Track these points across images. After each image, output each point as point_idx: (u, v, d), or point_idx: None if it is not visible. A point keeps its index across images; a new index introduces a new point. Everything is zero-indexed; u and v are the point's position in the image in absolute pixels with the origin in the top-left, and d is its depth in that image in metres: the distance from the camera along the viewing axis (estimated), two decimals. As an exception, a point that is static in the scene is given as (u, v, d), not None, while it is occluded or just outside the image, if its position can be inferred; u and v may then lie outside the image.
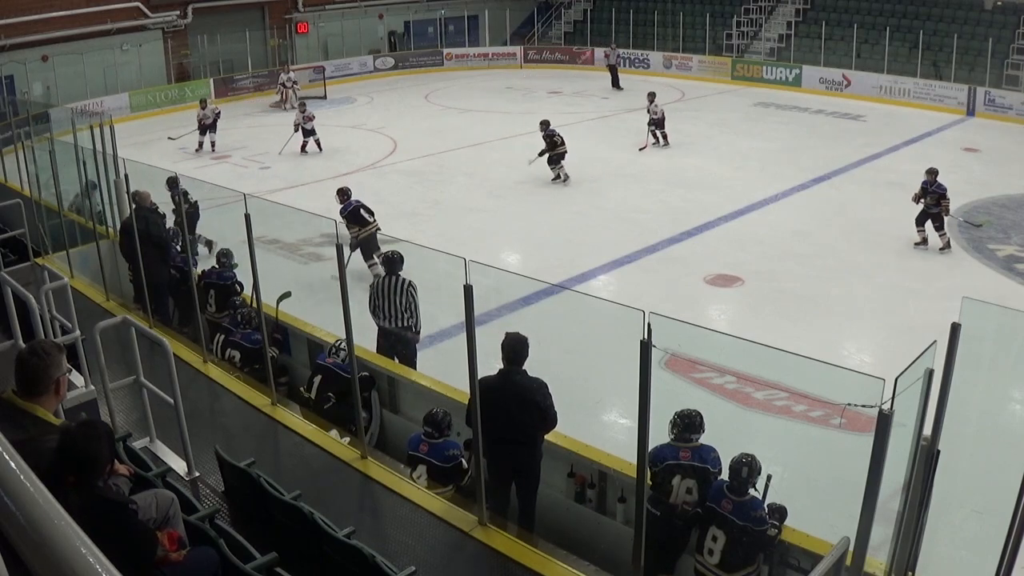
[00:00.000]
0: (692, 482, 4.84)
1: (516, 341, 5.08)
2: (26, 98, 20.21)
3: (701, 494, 4.81)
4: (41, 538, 1.12)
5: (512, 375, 5.09)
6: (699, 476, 4.84)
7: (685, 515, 4.83)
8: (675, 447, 4.91)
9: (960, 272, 11.28)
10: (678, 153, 18.14)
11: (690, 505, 4.84)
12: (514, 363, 5.09)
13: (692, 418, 4.94)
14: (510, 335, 5.13)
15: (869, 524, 3.24)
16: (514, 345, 5.07)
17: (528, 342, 5.11)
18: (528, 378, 5.10)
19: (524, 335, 5.14)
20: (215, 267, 8.48)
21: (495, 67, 30.55)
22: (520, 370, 5.10)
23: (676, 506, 4.85)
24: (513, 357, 5.08)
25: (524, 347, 5.09)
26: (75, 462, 2.82)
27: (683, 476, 4.86)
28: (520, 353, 5.08)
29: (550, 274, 10.27)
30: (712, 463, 4.85)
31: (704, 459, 4.87)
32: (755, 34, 27.90)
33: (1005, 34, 22.70)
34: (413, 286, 7.63)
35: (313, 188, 15.28)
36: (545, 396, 5.08)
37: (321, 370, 6.68)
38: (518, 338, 5.10)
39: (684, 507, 4.85)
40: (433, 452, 5.59)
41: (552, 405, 5.10)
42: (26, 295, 5.07)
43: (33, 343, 3.31)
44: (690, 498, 4.85)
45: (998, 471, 4.02)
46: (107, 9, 24.03)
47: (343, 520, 4.29)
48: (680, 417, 4.95)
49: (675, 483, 4.87)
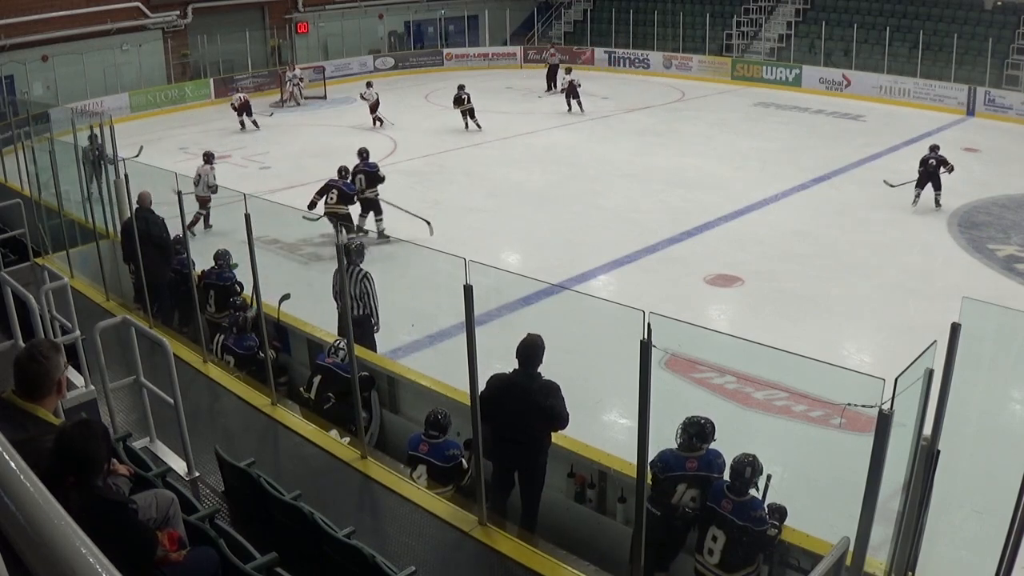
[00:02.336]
0: (696, 491, 4.80)
1: (531, 343, 5.08)
2: (26, 98, 20.20)
3: (704, 501, 4.80)
4: (41, 538, 1.12)
5: (524, 376, 5.08)
6: (703, 485, 4.79)
7: (685, 517, 4.83)
8: (682, 457, 4.83)
9: (960, 272, 11.28)
10: (678, 153, 18.15)
11: (691, 509, 4.83)
12: (527, 365, 5.08)
13: (703, 427, 4.85)
14: (529, 336, 5.12)
15: (869, 524, 3.24)
16: (529, 346, 5.07)
17: (543, 344, 5.09)
18: (541, 380, 5.09)
19: (541, 337, 5.12)
20: (215, 267, 8.48)
21: (495, 67, 30.55)
22: (534, 372, 5.09)
23: (677, 507, 4.84)
24: (527, 358, 5.08)
25: (539, 349, 5.08)
26: (74, 462, 2.82)
27: (688, 486, 4.82)
28: (533, 355, 5.07)
29: (550, 274, 10.26)
30: (718, 469, 4.79)
31: (710, 465, 4.80)
32: (755, 34, 27.90)
33: (1005, 34, 22.70)
34: (368, 278, 7.98)
35: (313, 188, 15.22)
36: (558, 399, 5.06)
37: (321, 370, 6.68)
38: (534, 340, 5.10)
39: (685, 510, 4.84)
40: (433, 452, 5.59)
41: (564, 407, 5.08)
42: (26, 295, 5.07)
43: (31, 347, 3.29)
44: (692, 504, 4.84)
45: (998, 471, 4.03)
46: (107, 9, 24.03)
47: (343, 520, 4.29)
48: (690, 425, 4.85)
49: (679, 490, 4.83)
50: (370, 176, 12.88)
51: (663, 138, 19.54)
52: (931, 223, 13.21)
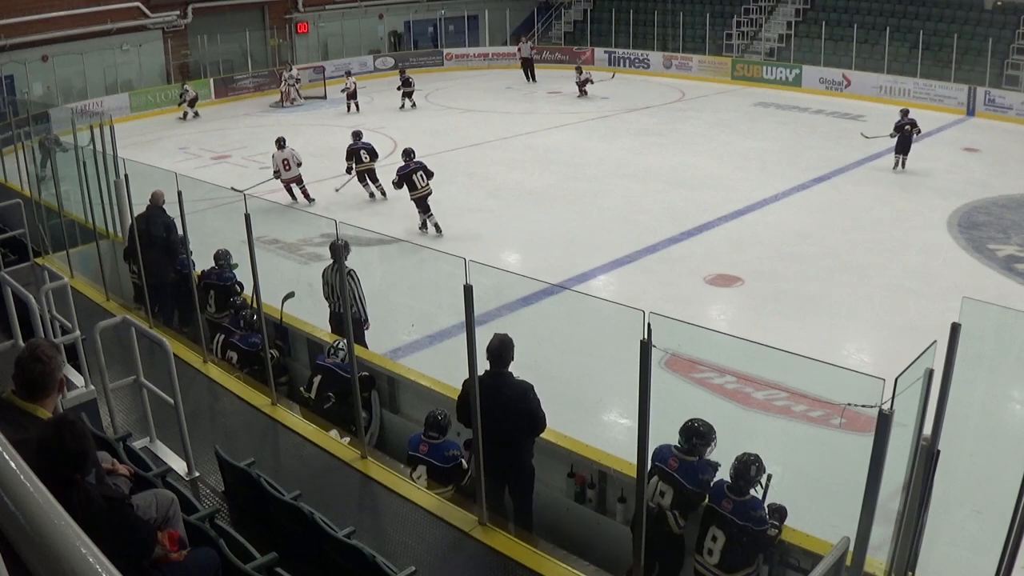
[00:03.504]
0: (668, 488, 4.76)
1: (501, 343, 5.02)
2: (26, 98, 20.19)
3: (675, 501, 4.73)
4: (41, 538, 1.12)
5: (497, 377, 5.02)
6: (676, 486, 4.74)
7: (650, 513, 4.77)
8: (669, 453, 4.82)
9: (960, 272, 11.28)
10: (678, 153, 18.15)
11: (656, 505, 4.75)
12: (499, 365, 5.03)
13: (694, 429, 4.81)
14: (496, 336, 5.07)
15: (869, 524, 3.24)
16: (500, 346, 5.01)
17: (512, 343, 5.04)
18: (513, 380, 5.04)
19: (509, 336, 5.07)
20: (215, 267, 8.48)
21: (495, 67, 30.56)
22: (506, 372, 5.04)
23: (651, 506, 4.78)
24: (499, 358, 5.03)
25: (509, 348, 5.02)
26: (71, 459, 2.79)
27: (660, 479, 4.80)
28: (505, 355, 5.02)
29: (550, 274, 10.27)
30: (697, 484, 4.72)
31: (689, 478, 4.73)
32: (755, 34, 27.90)
33: (1005, 34, 22.70)
34: (353, 275, 7.87)
35: (313, 188, 15.29)
36: (531, 399, 5.00)
37: (321, 370, 6.68)
38: (504, 339, 5.04)
39: (650, 504, 4.77)
40: (433, 452, 5.59)
41: (539, 407, 5.03)
42: (26, 295, 5.07)
43: (32, 347, 3.28)
44: (662, 501, 4.78)
45: (998, 471, 4.02)
46: (107, 9, 24.03)
47: (343, 520, 4.29)
48: (684, 430, 4.83)
49: (652, 482, 4.79)
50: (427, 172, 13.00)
51: (663, 138, 19.54)
52: (931, 223, 13.21)
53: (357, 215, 13.92)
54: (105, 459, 3.79)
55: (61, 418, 2.97)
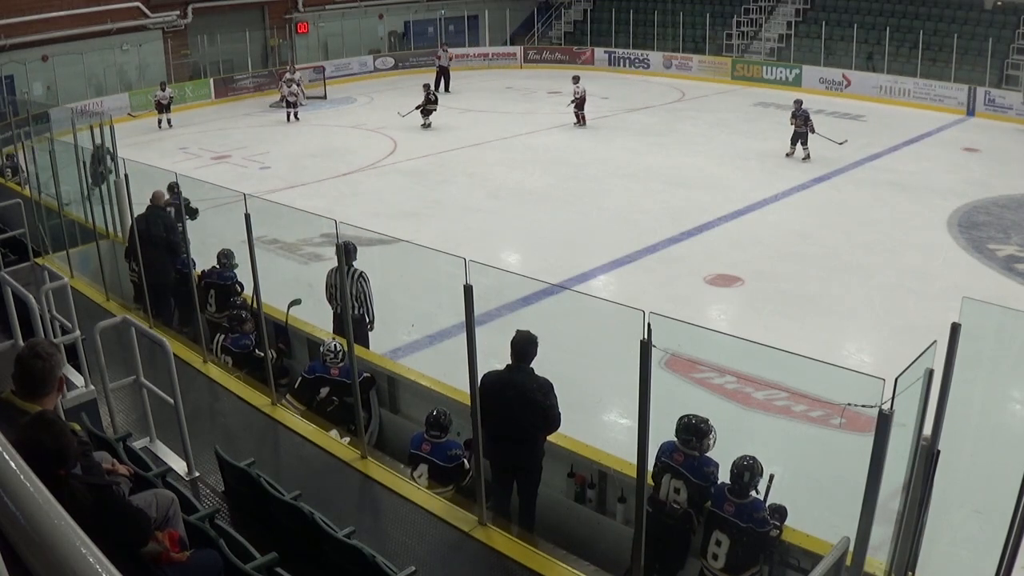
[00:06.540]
0: (681, 484, 4.82)
1: (524, 339, 5.09)
2: (26, 98, 20.19)
3: (691, 497, 4.79)
4: (41, 538, 1.12)
5: (517, 372, 5.08)
6: (687, 480, 4.81)
7: (673, 514, 4.81)
8: (673, 449, 4.90)
9: (960, 272, 11.28)
10: (678, 153, 18.14)
11: (679, 504, 4.82)
12: (521, 360, 5.09)
13: (690, 425, 4.88)
14: (520, 332, 5.13)
15: (869, 524, 3.24)
16: (522, 343, 5.07)
17: (537, 341, 5.10)
18: (534, 376, 5.09)
19: (534, 334, 5.13)
20: (215, 267, 8.47)
21: (495, 67, 30.55)
22: (527, 368, 5.09)
23: (665, 503, 4.85)
24: (520, 354, 5.08)
25: (532, 345, 5.09)
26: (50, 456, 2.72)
27: (672, 476, 4.87)
28: (526, 351, 5.08)
29: (550, 274, 10.26)
30: (703, 478, 4.79)
31: (694, 471, 4.81)
32: (755, 34, 27.90)
33: (1005, 34, 22.69)
34: (364, 277, 7.87)
35: (313, 188, 15.30)
36: (548, 396, 5.06)
37: (328, 383, 6.60)
38: (527, 336, 5.10)
39: (672, 505, 4.83)
40: (435, 452, 5.59)
41: (555, 405, 5.09)
42: (26, 295, 5.07)
43: (33, 345, 3.28)
44: (679, 498, 4.83)
45: (998, 471, 4.02)
46: (107, 9, 24.02)
47: (343, 520, 4.29)
48: (681, 422, 4.91)
49: (664, 481, 4.88)
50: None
51: (663, 138, 19.54)
52: (931, 223, 13.21)
53: (357, 215, 13.92)
54: (105, 459, 3.79)
55: (38, 416, 2.89)
